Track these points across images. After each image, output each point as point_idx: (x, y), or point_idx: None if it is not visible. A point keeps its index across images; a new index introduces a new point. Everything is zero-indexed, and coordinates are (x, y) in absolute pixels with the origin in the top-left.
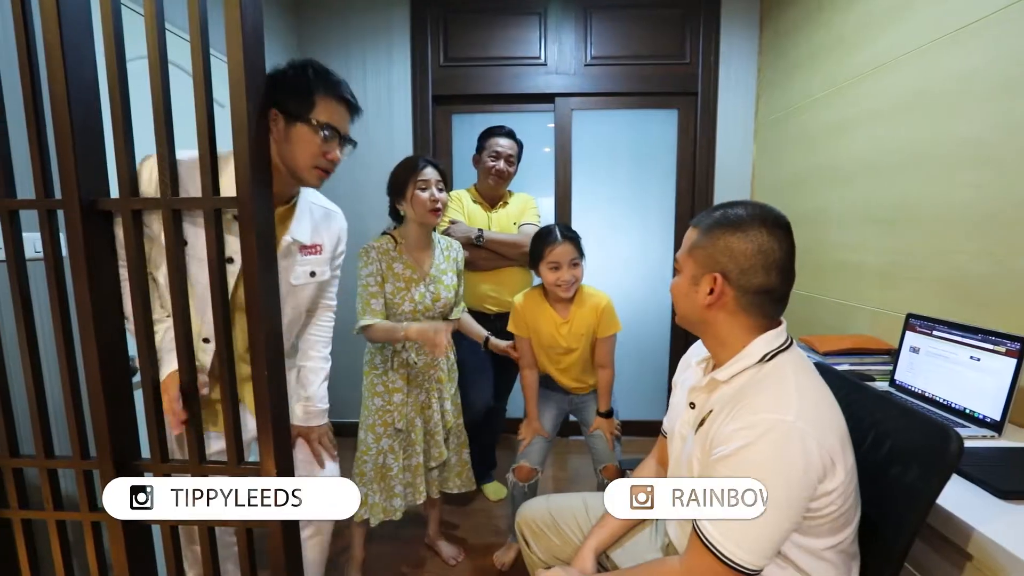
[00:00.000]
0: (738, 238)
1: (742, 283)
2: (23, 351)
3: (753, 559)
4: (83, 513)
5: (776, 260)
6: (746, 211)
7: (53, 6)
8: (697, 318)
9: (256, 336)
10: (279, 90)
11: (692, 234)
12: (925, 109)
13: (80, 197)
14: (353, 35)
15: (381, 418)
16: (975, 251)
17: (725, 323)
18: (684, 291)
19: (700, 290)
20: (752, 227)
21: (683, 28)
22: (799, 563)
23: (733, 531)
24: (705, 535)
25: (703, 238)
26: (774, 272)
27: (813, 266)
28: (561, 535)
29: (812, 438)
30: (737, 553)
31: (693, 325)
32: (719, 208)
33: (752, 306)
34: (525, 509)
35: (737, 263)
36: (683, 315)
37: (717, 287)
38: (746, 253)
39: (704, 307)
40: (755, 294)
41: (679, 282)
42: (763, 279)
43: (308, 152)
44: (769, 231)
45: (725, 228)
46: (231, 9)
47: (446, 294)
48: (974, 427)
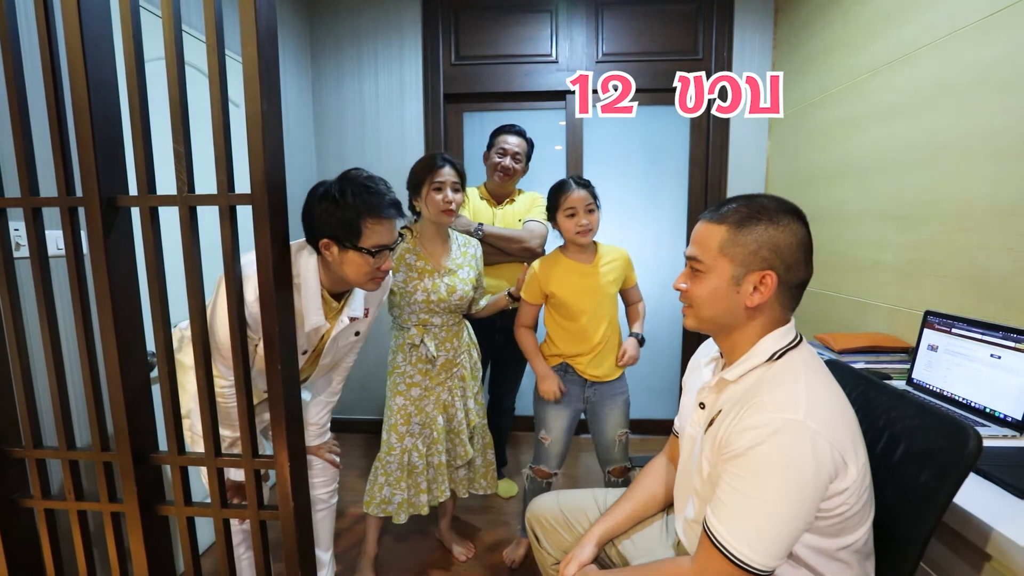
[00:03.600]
0: (780, 232)
1: (788, 278)
2: (46, 346)
3: (764, 560)
4: (103, 503)
5: (810, 251)
6: (772, 203)
7: (75, 13)
8: (735, 320)
9: (270, 331)
10: (328, 224)
11: (718, 232)
12: (945, 102)
13: (100, 195)
14: (365, 34)
15: (403, 416)
16: (996, 247)
17: (755, 322)
18: (720, 294)
19: (743, 290)
20: (787, 219)
21: (696, 23)
22: (813, 564)
23: (744, 532)
24: (715, 536)
25: (738, 235)
26: (811, 263)
27: (828, 263)
28: (572, 531)
29: (823, 437)
30: (748, 554)
31: (724, 328)
32: (734, 202)
33: (790, 300)
34: (535, 505)
35: (783, 258)
36: (714, 318)
37: (768, 285)
38: (791, 247)
39: (750, 308)
40: (796, 288)
41: (708, 285)
42: (804, 272)
43: (363, 272)
44: (800, 221)
45: (762, 222)
46: (246, 10)
47: (463, 287)
48: (995, 426)
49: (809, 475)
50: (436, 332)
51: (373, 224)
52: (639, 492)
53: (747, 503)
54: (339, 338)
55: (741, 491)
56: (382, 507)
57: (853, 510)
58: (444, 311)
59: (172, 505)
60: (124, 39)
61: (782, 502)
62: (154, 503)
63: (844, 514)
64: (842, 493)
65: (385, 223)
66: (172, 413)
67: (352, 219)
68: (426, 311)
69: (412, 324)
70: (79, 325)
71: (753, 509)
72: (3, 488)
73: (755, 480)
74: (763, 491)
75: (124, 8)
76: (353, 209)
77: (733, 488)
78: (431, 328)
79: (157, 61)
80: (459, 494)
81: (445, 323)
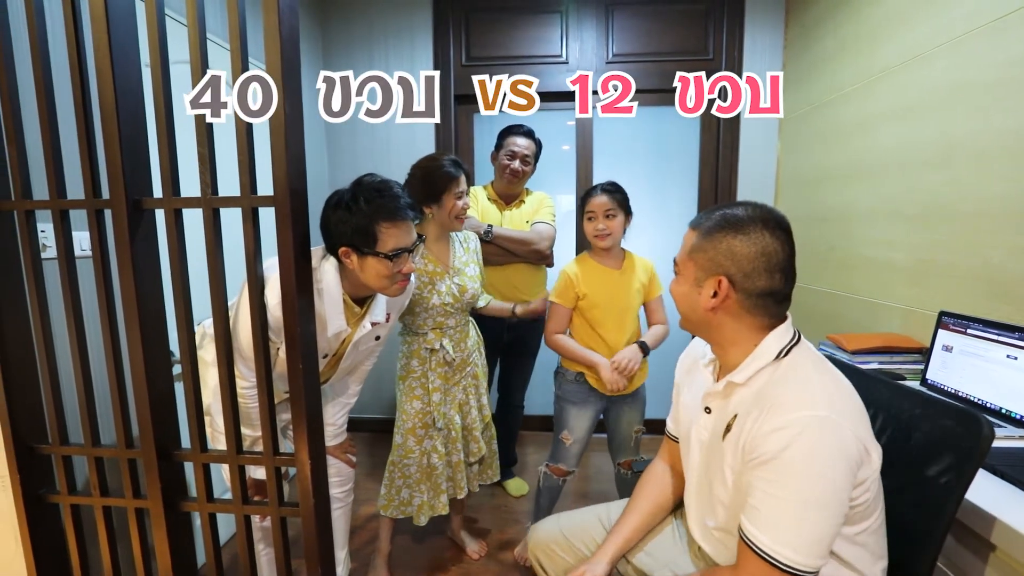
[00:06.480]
0: (740, 240)
1: (746, 286)
2: (72, 346)
3: (810, 561)
4: (127, 500)
5: (779, 262)
6: (746, 212)
7: (103, 21)
8: (700, 321)
9: (291, 328)
10: (344, 233)
11: (691, 236)
12: (960, 101)
13: (127, 197)
14: (376, 36)
15: (421, 420)
16: (1012, 247)
17: (730, 325)
18: (686, 294)
19: (703, 293)
20: (754, 229)
21: (706, 23)
22: (836, 551)
23: (787, 537)
24: (757, 545)
25: (703, 241)
26: (777, 274)
27: (840, 263)
28: (576, 554)
29: (847, 428)
30: (794, 558)
31: (696, 327)
32: (718, 209)
33: (756, 308)
34: (536, 534)
35: (740, 266)
36: (686, 317)
37: (721, 290)
38: (749, 256)
39: (707, 310)
40: (759, 296)
41: (680, 285)
42: (766, 282)
43: (383, 276)
44: (771, 233)
45: (726, 230)
46: (269, 17)
47: (472, 285)
48: (1011, 427)
49: (841, 469)
50: (452, 334)
51: (388, 227)
52: (643, 503)
53: (785, 507)
54: (360, 343)
55: (777, 495)
56: (400, 509)
57: (871, 495)
58: (457, 311)
59: (195, 501)
60: (150, 46)
61: (819, 500)
62: (177, 499)
63: (866, 501)
64: (864, 481)
65: (400, 225)
66: (195, 412)
67: (367, 225)
68: (441, 314)
69: (428, 328)
70: (104, 325)
71: (792, 512)
72: (30, 484)
73: (790, 482)
74: (799, 492)
75: (150, 16)
76: (367, 215)
77: (768, 494)
78: (447, 330)
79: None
80: (472, 488)
81: (458, 323)
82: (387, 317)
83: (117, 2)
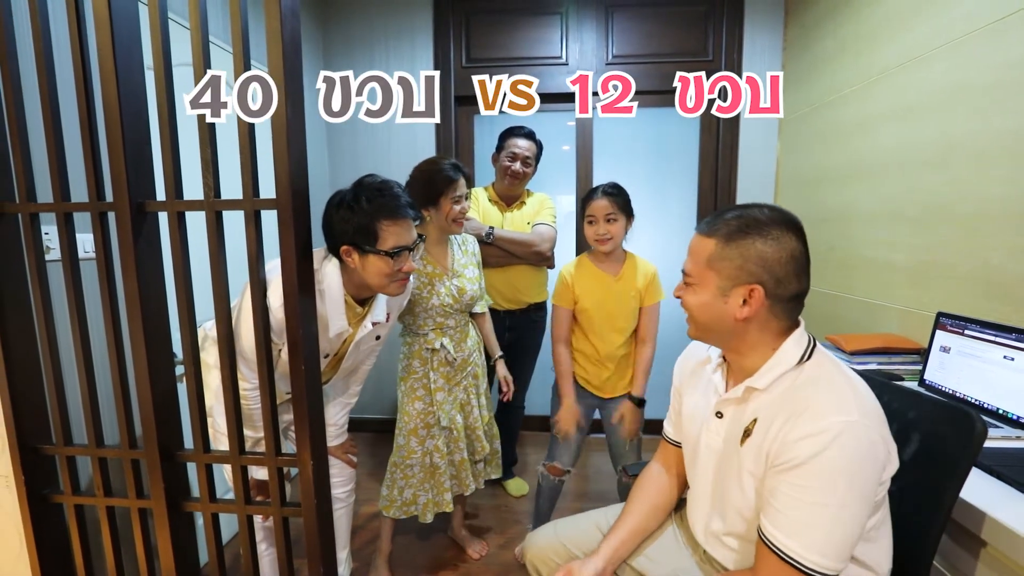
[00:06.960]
0: (769, 245)
1: (778, 292)
2: (76, 347)
3: (836, 564)
4: (131, 500)
5: (805, 264)
6: (765, 215)
7: (106, 25)
8: (726, 330)
9: (293, 329)
10: (345, 231)
11: (707, 244)
12: (960, 103)
13: (130, 200)
14: (376, 37)
15: (423, 420)
16: (1010, 248)
17: (755, 332)
18: (707, 304)
19: (730, 302)
20: (779, 232)
21: (705, 25)
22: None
23: (816, 542)
24: (784, 551)
25: (726, 248)
26: (804, 276)
27: (839, 264)
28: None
29: (876, 431)
30: (821, 562)
31: (718, 336)
32: (729, 213)
33: (783, 312)
34: (534, 543)
35: (772, 272)
36: (706, 327)
37: (754, 299)
38: (780, 261)
39: (739, 320)
40: (788, 301)
41: (699, 296)
42: (797, 285)
43: (384, 274)
44: (796, 234)
45: (751, 235)
46: (271, 20)
47: (471, 287)
48: (1007, 427)
49: (870, 472)
50: (452, 334)
51: (389, 225)
52: (640, 506)
53: (815, 512)
54: (361, 343)
55: (807, 500)
56: (404, 509)
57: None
58: (456, 312)
59: (198, 501)
60: (153, 49)
61: (850, 505)
62: (180, 499)
63: (883, 500)
64: (885, 482)
65: (401, 223)
66: (198, 412)
67: (368, 223)
68: (441, 315)
69: (429, 329)
70: (108, 326)
71: (823, 517)
72: (35, 484)
73: (823, 488)
74: (831, 497)
75: (153, 19)
76: (368, 213)
77: (797, 499)
78: (447, 330)
79: (183, 67)
80: (478, 486)
81: (458, 323)
82: (387, 317)
83: (120, 5)
